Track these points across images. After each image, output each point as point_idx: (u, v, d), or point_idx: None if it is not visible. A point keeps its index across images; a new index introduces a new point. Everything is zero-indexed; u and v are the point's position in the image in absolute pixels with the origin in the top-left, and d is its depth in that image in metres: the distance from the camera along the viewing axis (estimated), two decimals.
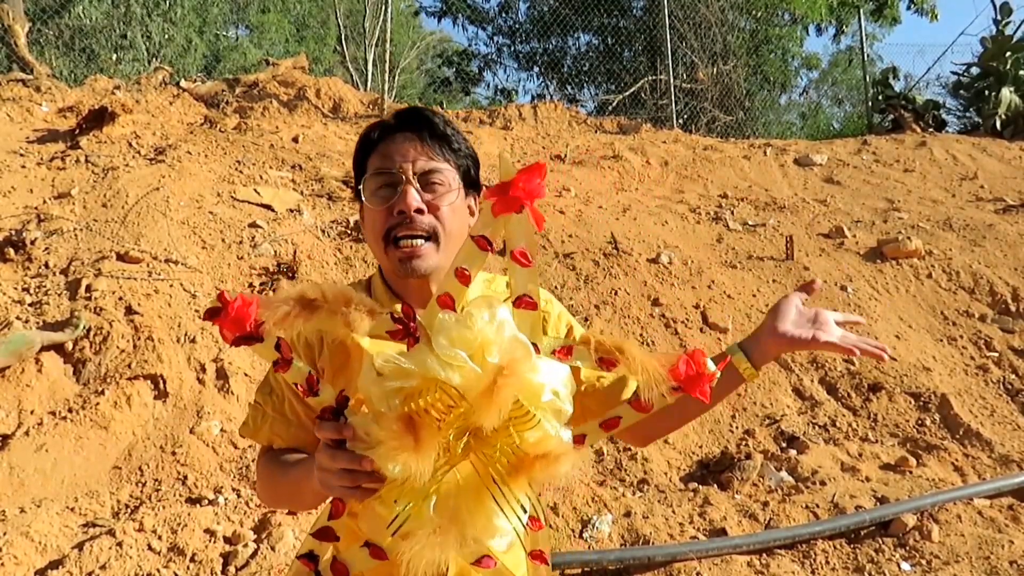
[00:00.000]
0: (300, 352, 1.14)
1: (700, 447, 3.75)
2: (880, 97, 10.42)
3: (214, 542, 2.72)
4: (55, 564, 2.54)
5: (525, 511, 0.90)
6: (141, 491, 2.99)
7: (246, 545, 2.70)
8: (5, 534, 2.58)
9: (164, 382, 3.39)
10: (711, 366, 0.94)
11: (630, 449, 3.59)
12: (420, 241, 1.11)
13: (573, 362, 0.93)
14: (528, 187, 0.87)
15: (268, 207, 4.95)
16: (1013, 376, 4.48)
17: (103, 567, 2.52)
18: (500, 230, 0.90)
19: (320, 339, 1.12)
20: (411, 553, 0.84)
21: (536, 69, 12.47)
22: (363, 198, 1.15)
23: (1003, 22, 10.30)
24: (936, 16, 12.65)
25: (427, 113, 1.18)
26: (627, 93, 9.84)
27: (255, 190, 5.09)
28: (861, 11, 11.40)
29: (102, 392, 3.27)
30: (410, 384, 0.83)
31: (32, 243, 4.09)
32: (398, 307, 1.10)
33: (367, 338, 0.91)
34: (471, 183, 1.21)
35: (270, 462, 1.18)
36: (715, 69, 10.58)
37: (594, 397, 1.20)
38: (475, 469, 0.88)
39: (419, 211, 1.10)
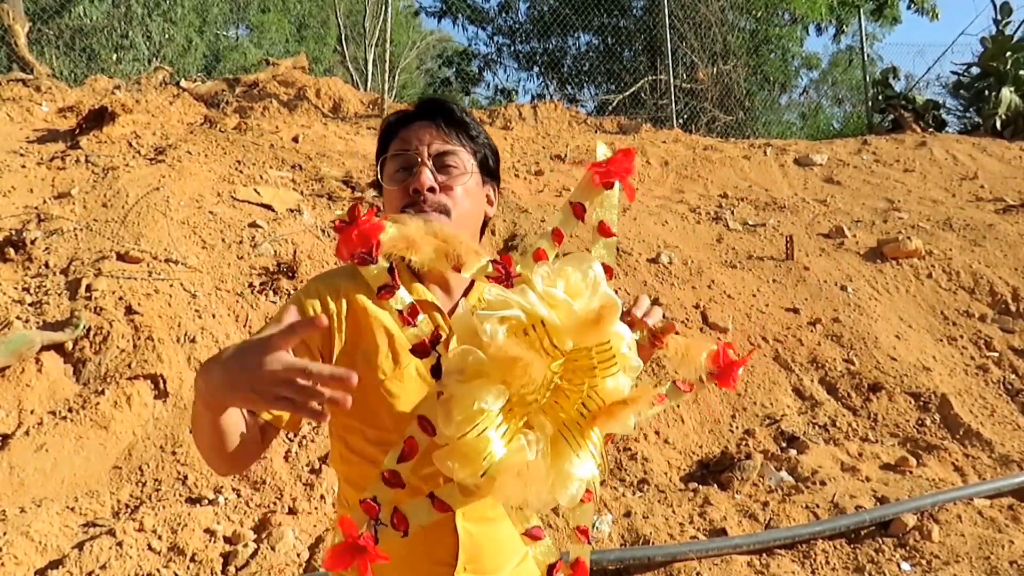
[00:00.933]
0: (332, 300, 1.10)
1: (700, 447, 3.75)
2: (880, 97, 10.41)
3: (214, 542, 2.72)
4: (55, 564, 2.54)
5: (596, 462, 0.93)
6: (141, 491, 2.99)
7: (246, 545, 2.70)
8: (5, 534, 2.58)
9: (164, 382, 3.39)
10: (736, 357, 1.07)
11: (630, 449, 3.59)
12: (433, 215, 1.13)
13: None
14: (623, 166, 1.00)
15: (268, 207, 4.95)
16: (1013, 376, 4.48)
17: (103, 567, 2.52)
18: (593, 200, 1.01)
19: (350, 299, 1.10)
20: (500, 490, 0.86)
21: (536, 69, 12.46)
22: (382, 181, 1.19)
23: (1003, 22, 10.30)
24: (936, 15, 12.64)
25: (446, 102, 1.23)
26: (627, 93, 9.84)
27: (255, 190, 5.09)
28: (861, 11, 11.39)
29: (102, 392, 3.27)
30: (514, 315, 0.87)
31: (32, 243, 4.09)
32: (419, 287, 1.13)
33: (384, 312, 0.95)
34: (488, 172, 1.24)
35: None
36: (715, 69, 10.58)
37: None
38: (551, 417, 0.91)
39: (431, 189, 1.13)
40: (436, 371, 0.93)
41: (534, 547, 0.99)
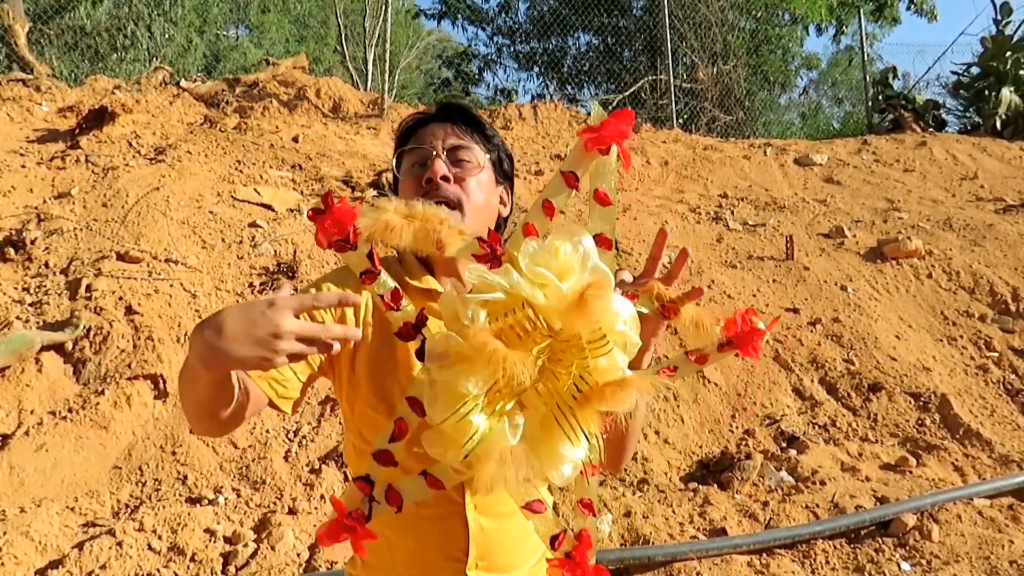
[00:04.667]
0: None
1: (700, 447, 3.75)
2: (880, 97, 10.41)
3: (214, 542, 2.72)
4: (55, 564, 2.54)
5: (589, 443, 0.90)
6: (141, 491, 2.99)
7: (246, 545, 2.70)
8: (5, 534, 2.58)
9: (164, 382, 3.39)
10: (761, 325, 0.97)
11: None
12: (445, 209, 1.12)
13: (638, 307, 0.96)
14: (618, 129, 0.93)
15: (268, 207, 4.95)
16: (1013, 376, 4.48)
17: (103, 567, 2.52)
18: (587, 168, 0.95)
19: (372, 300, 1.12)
20: (482, 475, 0.85)
21: (536, 69, 12.46)
22: (401, 177, 1.20)
23: (1003, 22, 10.29)
24: (935, 16, 12.64)
25: (463, 104, 1.28)
26: (627, 93, 9.83)
27: (255, 190, 5.09)
28: (861, 11, 11.39)
29: (102, 392, 3.27)
30: (496, 298, 0.85)
31: (32, 243, 4.09)
32: (429, 279, 1.15)
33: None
34: (502, 173, 1.26)
35: None
36: (715, 69, 10.58)
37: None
38: (543, 397, 0.89)
39: (445, 178, 1.15)
40: (420, 354, 0.92)
41: (535, 519, 0.96)
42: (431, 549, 1.07)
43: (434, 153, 1.17)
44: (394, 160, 1.23)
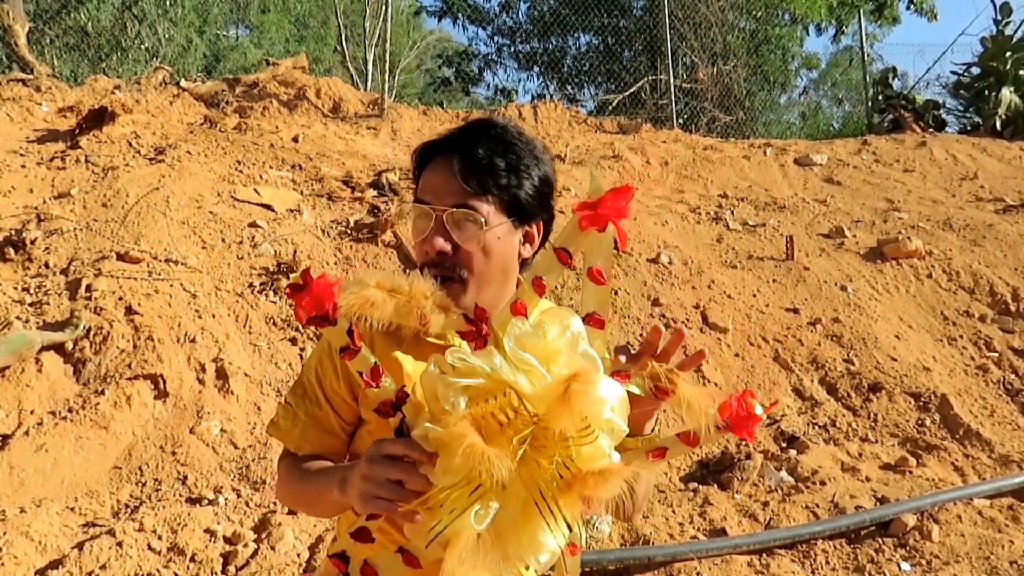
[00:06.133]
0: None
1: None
2: (880, 97, 10.41)
3: (214, 542, 2.72)
4: (55, 564, 2.54)
5: (570, 530, 0.87)
6: (141, 491, 2.99)
7: (246, 545, 2.70)
8: (5, 534, 2.58)
9: (164, 382, 3.39)
10: (759, 409, 0.93)
11: None
12: (450, 282, 1.09)
13: (629, 387, 0.92)
14: (616, 206, 0.89)
15: (268, 207, 4.95)
16: (1013, 376, 4.48)
17: (103, 567, 2.52)
18: (582, 245, 0.91)
19: (371, 339, 1.09)
20: (448, 562, 0.82)
21: (536, 69, 12.46)
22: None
23: (1003, 22, 10.29)
24: (935, 16, 12.64)
25: (477, 136, 1.12)
26: (627, 93, 9.83)
27: (255, 190, 5.09)
28: (861, 11, 11.39)
29: (102, 392, 3.27)
30: (478, 383, 0.82)
31: (32, 243, 4.09)
32: (451, 335, 1.09)
33: (409, 358, 0.93)
34: (525, 213, 1.14)
35: (294, 465, 1.17)
36: (715, 69, 10.57)
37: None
38: (524, 482, 0.85)
39: (442, 253, 1.08)
40: (399, 432, 0.91)
41: None
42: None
43: (433, 217, 1.09)
44: (417, 183, 1.17)
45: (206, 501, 2.92)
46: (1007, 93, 9.46)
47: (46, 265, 3.99)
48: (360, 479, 0.90)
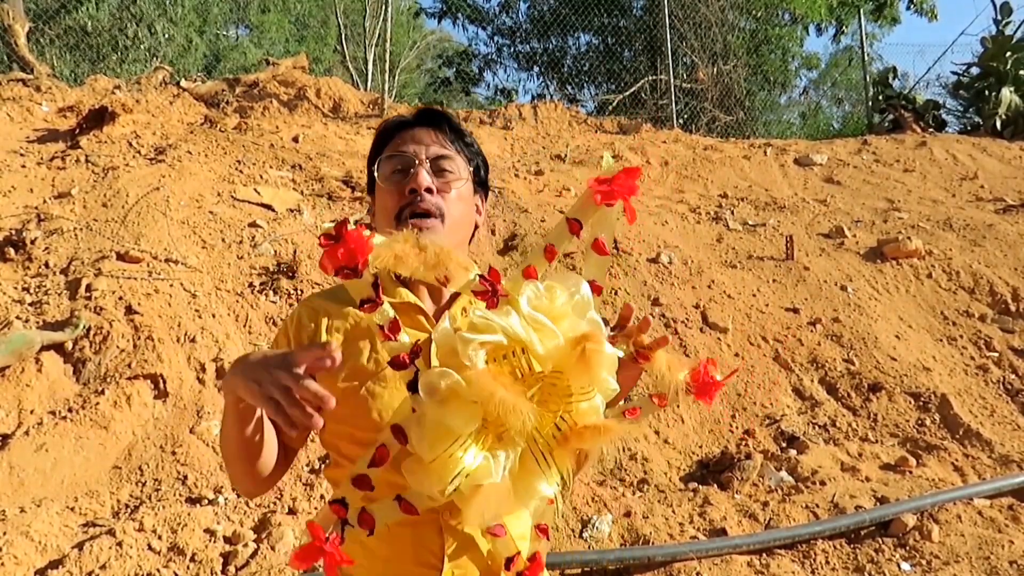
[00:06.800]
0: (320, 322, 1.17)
1: (700, 447, 3.75)
2: (880, 97, 10.41)
3: (214, 542, 2.72)
4: (55, 564, 2.54)
5: (563, 481, 0.93)
6: (141, 491, 2.99)
7: (246, 545, 2.70)
8: (5, 534, 2.58)
9: (164, 382, 3.39)
10: (718, 376, 1.05)
11: (630, 449, 3.59)
12: (428, 219, 1.15)
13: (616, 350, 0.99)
14: (628, 185, 0.97)
15: (268, 207, 4.95)
16: (1013, 376, 4.48)
17: (103, 567, 2.52)
18: (591, 217, 0.99)
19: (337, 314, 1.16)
20: (471, 509, 0.88)
21: (536, 69, 12.46)
22: (379, 182, 1.21)
23: (1003, 22, 10.30)
24: (935, 16, 12.64)
25: (444, 111, 1.27)
26: (627, 93, 9.83)
27: (255, 190, 5.09)
28: (861, 11, 11.39)
29: (102, 392, 3.27)
30: (496, 340, 0.87)
31: (32, 243, 4.09)
32: (403, 291, 1.16)
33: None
34: (480, 182, 1.27)
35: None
36: (715, 69, 10.57)
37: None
38: (523, 435, 0.91)
39: (428, 190, 1.15)
40: (413, 385, 0.94)
41: (493, 543, 1.01)
42: (405, 555, 1.07)
43: (416, 162, 1.17)
44: (374, 163, 1.23)
45: (206, 501, 2.92)
46: (1007, 93, 9.46)
47: (46, 265, 3.99)
48: (261, 368, 0.91)
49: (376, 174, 1.22)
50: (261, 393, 0.90)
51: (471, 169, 1.23)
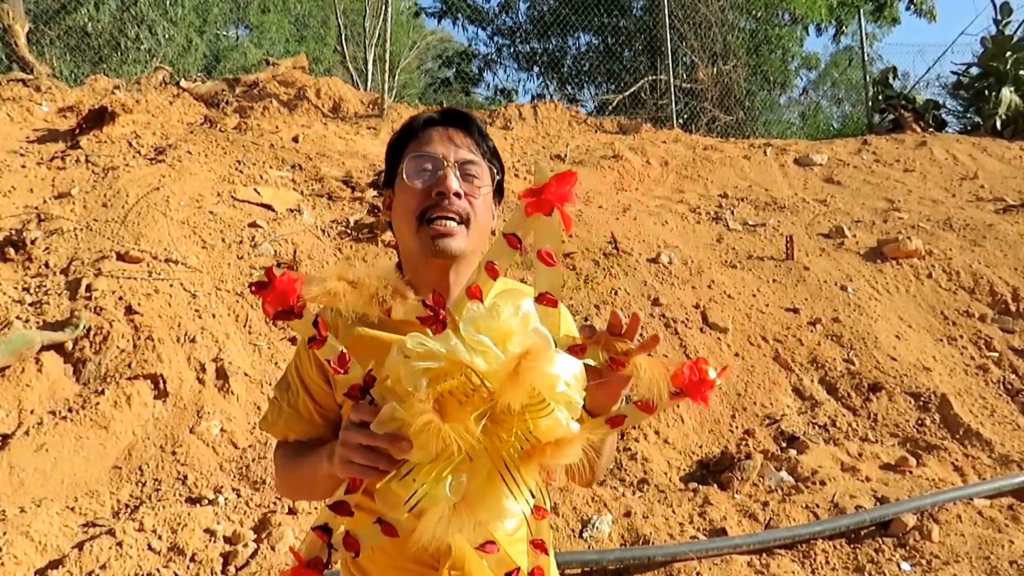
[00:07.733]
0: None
1: (700, 447, 3.75)
2: (880, 97, 10.41)
3: (214, 542, 2.72)
4: (55, 564, 2.54)
5: (533, 496, 0.93)
6: (141, 491, 2.99)
7: (246, 545, 2.70)
8: (5, 534, 2.58)
9: (164, 382, 3.39)
10: (712, 374, 0.98)
11: (630, 449, 3.59)
12: (453, 223, 1.14)
13: (585, 360, 0.97)
14: (560, 192, 0.95)
15: (268, 207, 4.95)
16: (1013, 376, 4.48)
17: (103, 567, 2.52)
18: (530, 230, 0.97)
19: (337, 326, 1.15)
20: (424, 529, 0.88)
21: (536, 69, 12.46)
22: (402, 179, 1.18)
23: (1003, 22, 10.30)
24: (934, 17, 12.66)
25: (470, 114, 1.27)
26: (627, 93, 9.84)
27: (255, 190, 5.09)
28: (861, 11, 11.39)
29: (102, 392, 3.27)
30: (437, 366, 0.87)
31: (32, 243, 4.09)
32: (412, 303, 1.14)
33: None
34: (497, 188, 1.27)
35: (285, 453, 1.22)
36: (715, 69, 10.58)
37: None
38: (488, 454, 0.91)
39: (457, 194, 1.14)
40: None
41: (488, 559, 1.01)
42: (406, 554, 1.08)
43: (446, 164, 1.15)
44: (399, 158, 1.20)
45: (206, 501, 2.92)
46: (1007, 93, 9.46)
47: (46, 265, 3.99)
48: (339, 446, 0.96)
49: (400, 174, 1.19)
50: (354, 470, 0.95)
51: (492, 178, 1.23)
